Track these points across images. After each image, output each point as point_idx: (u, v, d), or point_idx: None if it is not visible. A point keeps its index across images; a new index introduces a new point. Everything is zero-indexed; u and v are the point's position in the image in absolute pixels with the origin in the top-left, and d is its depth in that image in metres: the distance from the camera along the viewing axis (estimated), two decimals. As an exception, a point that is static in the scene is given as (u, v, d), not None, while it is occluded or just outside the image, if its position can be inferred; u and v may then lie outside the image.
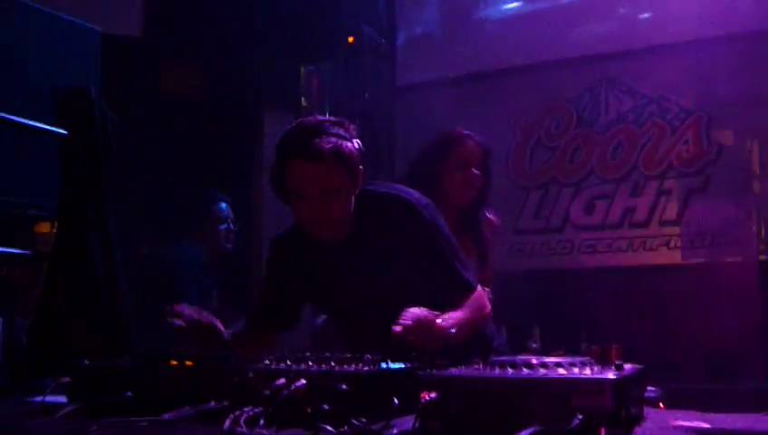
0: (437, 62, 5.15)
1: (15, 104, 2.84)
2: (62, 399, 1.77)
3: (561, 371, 1.38)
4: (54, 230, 3.12)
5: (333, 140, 2.15)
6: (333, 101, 4.86)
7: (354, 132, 2.25)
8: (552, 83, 4.87)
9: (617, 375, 1.31)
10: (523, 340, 3.84)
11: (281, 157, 2.20)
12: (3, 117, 2.54)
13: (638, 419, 1.43)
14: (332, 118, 2.31)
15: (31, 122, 2.64)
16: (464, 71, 5.20)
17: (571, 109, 4.82)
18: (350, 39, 4.78)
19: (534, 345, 3.86)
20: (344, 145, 2.16)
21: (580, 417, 1.24)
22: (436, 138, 3.15)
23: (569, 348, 2.07)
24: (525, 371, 1.40)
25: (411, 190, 2.39)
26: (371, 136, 4.85)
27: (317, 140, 2.14)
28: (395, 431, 1.34)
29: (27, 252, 2.81)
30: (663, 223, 4.51)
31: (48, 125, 2.73)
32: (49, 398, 1.85)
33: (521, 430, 1.23)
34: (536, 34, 4.98)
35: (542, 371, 1.39)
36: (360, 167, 2.23)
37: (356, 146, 2.21)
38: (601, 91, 4.76)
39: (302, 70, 4.87)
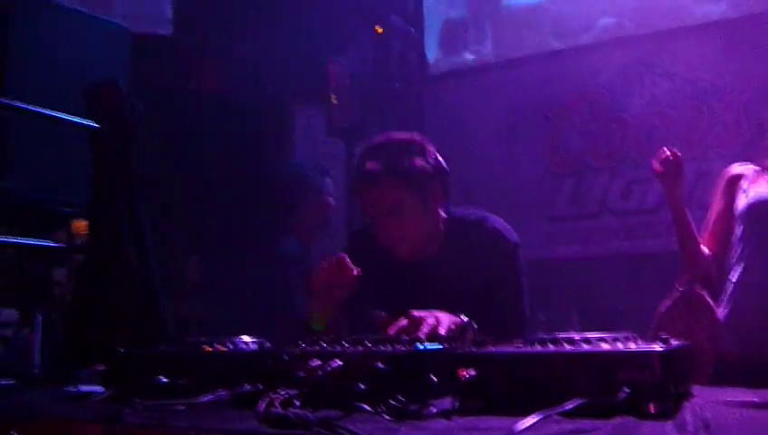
0: (465, 50, 5.09)
1: (47, 101, 2.87)
2: (98, 388, 1.76)
3: (605, 345, 1.34)
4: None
5: (388, 157, 2.19)
6: (362, 93, 4.83)
7: (425, 149, 2.26)
8: (583, 67, 4.78)
9: (664, 348, 1.26)
10: (561, 328, 3.77)
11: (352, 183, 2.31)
12: (37, 111, 2.55)
13: (686, 394, 1.38)
14: (411, 135, 2.34)
15: (63, 115, 2.65)
16: (492, 58, 5.14)
17: (604, 92, 4.73)
18: (378, 29, 4.75)
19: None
20: (403, 161, 2.19)
21: (627, 390, 1.20)
22: None
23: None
24: (568, 346, 1.36)
25: (497, 218, 2.38)
26: (400, 126, 4.81)
27: (369, 162, 2.21)
28: (434, 410, 1.30)
29: (62, 245, 2.83)
30: (703, 206, 4.40)
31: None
32: (84, 386, 1.85)
33: (561, 406, 1.19)
34: (566, 18, 4.90)
35: (585, 346, 1.34)
36: (436, 182, 2.24)
37: (425, 162, 2.22)
38: (635, 73, 4.66)
39: (330, 62, 4.85)
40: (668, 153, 2.63)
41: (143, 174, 2.64)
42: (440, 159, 2.29)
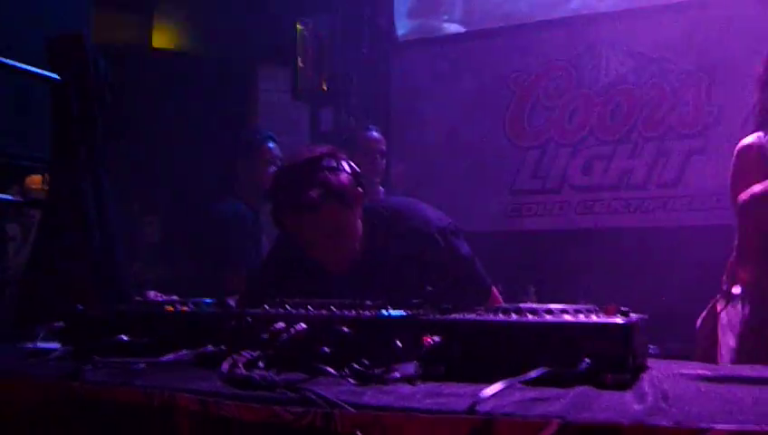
0: (436, 18, 5.06)
1: (5, 51, 2.78)
2: (55, 345, 1.74)
3: (567, 316, 1.36)
4: (45, 185, 3.07)
5: (322, 181, 2.14)
6: (330, 57, 4.78)
7: (340, 159, 2.22)
8: (551, 43, 4.80)
9: (624, 320, 1.28)
10: (517, 299, 3.82)
11: (276, 208, 2.20)
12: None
13: (643, 367, 1.41)
14: (321, 149, 2.27)
15: (23, 66, 2.57)
16: (462, 28, 5.12)
17: (571, 69, 4.76)
18: (348, -7, 4.70)
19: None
20: (334, 181, 2.16)
21: (588, 361, 1.22)
22: None
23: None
24: (530, 316, 1.37)
25: (421, 206, 2.36)
26: (367, 92, 4.78)
27: (306, 188, 2.13)
28: (397, 375, 1.31)
29: (20, 199, 2.76)
30: (661, 185, 4.49)
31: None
32: (41, 344, 1.82)
33: (525, 374, 1.21)
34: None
35: (548, 316, 1.36)
36: (359, 190, 2.22)
37: (347, 175, 2.19)
38: (602, 51, 4.68)
39: (299, 24, 4.78)
40: None
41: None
42: (352, 163, 2.27)
